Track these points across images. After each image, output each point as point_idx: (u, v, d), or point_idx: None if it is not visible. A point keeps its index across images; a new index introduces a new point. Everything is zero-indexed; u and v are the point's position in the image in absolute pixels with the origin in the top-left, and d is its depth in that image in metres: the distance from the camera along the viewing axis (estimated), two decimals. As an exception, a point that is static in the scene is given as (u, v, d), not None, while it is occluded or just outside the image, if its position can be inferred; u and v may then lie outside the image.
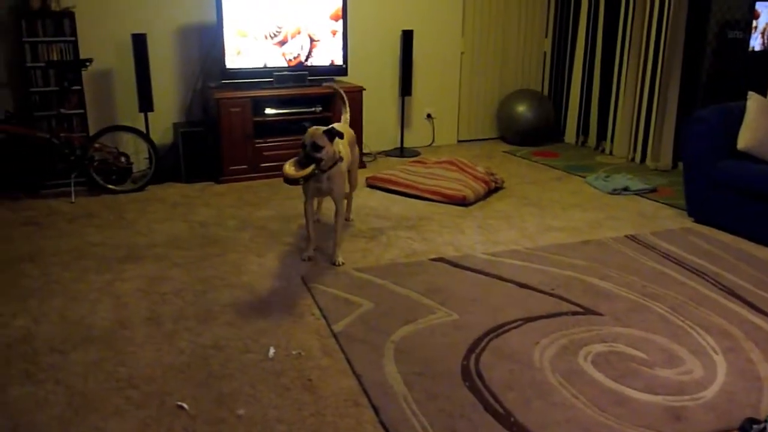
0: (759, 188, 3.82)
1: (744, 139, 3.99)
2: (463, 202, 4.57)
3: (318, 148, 3.27)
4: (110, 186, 4.86)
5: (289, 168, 3.28)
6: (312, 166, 3.26)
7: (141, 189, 4.93)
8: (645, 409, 2.29)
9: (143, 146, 5.04)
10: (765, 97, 4.32)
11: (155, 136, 5.19)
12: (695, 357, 2.64)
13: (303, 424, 2.20)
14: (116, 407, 2.30)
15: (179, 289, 3.25)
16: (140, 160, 5.16)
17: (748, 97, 4.11)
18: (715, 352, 2.68)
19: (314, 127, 3.36)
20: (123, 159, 4.96)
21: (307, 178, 3.27)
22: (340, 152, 3.47)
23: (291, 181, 3.25)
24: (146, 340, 2.76)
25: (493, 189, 4.90)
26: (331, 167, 3.42)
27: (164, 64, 5.29)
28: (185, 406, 2.29)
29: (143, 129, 5.03)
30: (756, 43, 5.72)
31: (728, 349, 2.71)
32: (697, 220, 4.29)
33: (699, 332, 2.84)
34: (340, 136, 3.38)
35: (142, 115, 5.05)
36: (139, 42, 4.87)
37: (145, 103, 4.98)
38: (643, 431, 2.17)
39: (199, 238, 3.96)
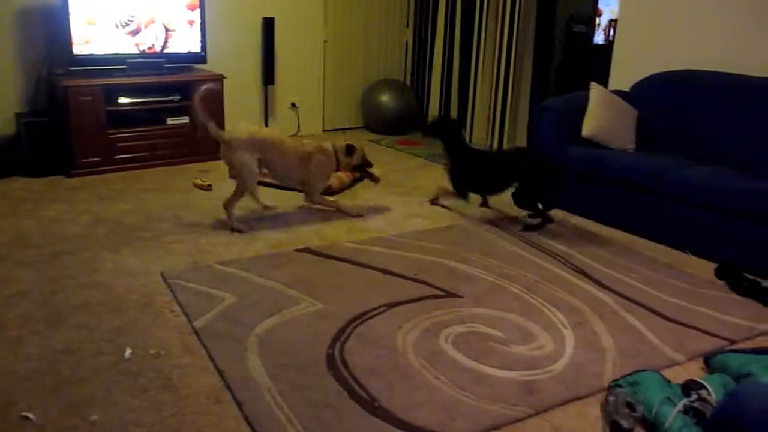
0: (601, 172, 4.10)
1: (587, 127, 4.26)
2: (328, 191, 4.57)
3: None
4: (-56, 182, 4.45)
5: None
6: None
7: (-20, 185, 4.55)
8: (501, 385, 2.40)
9: (-19, 138, 4.65)
10: (606, 87, 4.64)
11: (-5, 127, 4.79)
12: (547, 332, 2.80)
13: (162, 425, 2.12)
14: (-48, 423, 2.11)
15: (26, 291, 3.02)
16: (-22, 154, 4.76)
17: (590, 87, 4.39)
18: (565, 327, 2.86)
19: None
20: (-42, 152, 4.55)
21: None
22: None
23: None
24: (-13, 347, 2.55)
25: (358, 178, 4.93)
26: None
27: (2, 48, 4.88)
28: (31, 416, 2.14)
29: (-19, 119, 4.64)
30: (599, 38, 6.14)
31: (576, 323, 2.89)
32: (549, 204, 4.54)
33: (550, 309, 3.02)
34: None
35: (-21, 104, 4.66)
36: (-27, 24, 4.48)
37: (-18, 91, 4.59)
38: (499, 406, 2.27)
39: (49, 235, 3.71)
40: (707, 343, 2.77)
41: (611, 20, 5.96)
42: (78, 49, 4.82)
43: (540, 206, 4.09)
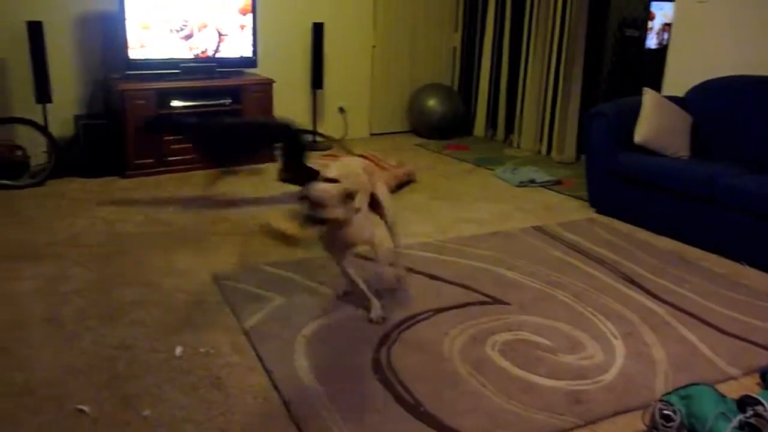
0: (653, 179, 4.02)
1: (640, 133, 4.18)
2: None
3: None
4: (4, 181, 4.60)
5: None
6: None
7: (40, 184, 4.70)
8: (548, 394, 2.37)
9: (41, 139, 4.80)
10: (659, 92, 4.54)
11: (54, 129, 4.94)
12: (596, 342, 2.75)
13: (211, 423, 2.16)
14: (9, 414, 2.18)
15: (81, 289, 3.11)
16: (38, 154, 4.91)
17: (643, 92, 4.30)
18: (615, 337, 2.81)
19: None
20: (18, 152, 4.71)
21: None
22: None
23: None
24: (44, 342, 2.63)
25: (404, 182, 4.94)
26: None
27: (63, 53, 5.04)
28: (86, 409, 2.21)
29: (41, 121, 4.79)
30: (651, 42, 6.03)
31: (626, 333, 2.84)
32: (599, 211, 4.47)
33: (599, 318, 2.97)
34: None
35: (40, 106, 4.81)
36: (35, 30, 4.63)
37: (43, 93, 4.74)
38: (545, 416, 2.24)
39: (103, 234, 3.81)
40: (764, 357, 2.68)
41: (664, 24, 5.84)
42: (133, 53, 4.95)
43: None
